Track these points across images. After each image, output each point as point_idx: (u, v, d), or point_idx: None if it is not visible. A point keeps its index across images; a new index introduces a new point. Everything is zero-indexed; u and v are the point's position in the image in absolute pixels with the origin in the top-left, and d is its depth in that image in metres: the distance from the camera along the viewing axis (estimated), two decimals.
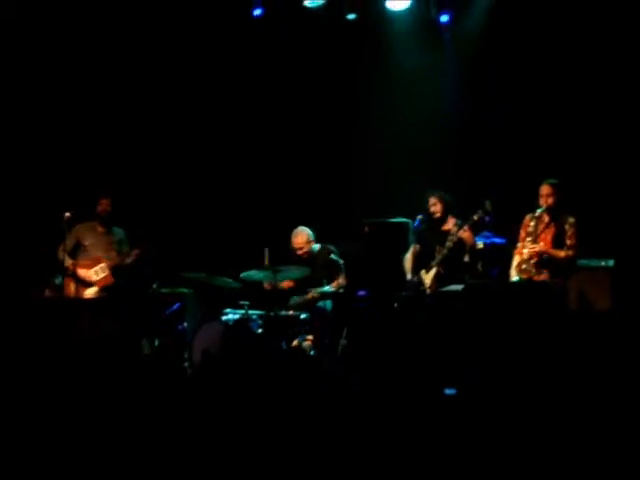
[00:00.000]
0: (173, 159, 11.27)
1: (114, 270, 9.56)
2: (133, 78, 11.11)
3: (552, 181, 8.83)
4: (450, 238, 9.20)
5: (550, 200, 8.77)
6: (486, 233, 9.27)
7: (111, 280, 9.54)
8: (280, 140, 11.31)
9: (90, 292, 9.46)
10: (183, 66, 11.21)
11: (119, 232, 9.86)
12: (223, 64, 11.26)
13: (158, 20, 10.95)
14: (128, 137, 11.12)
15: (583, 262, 8.96)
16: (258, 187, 11.26)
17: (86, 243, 9.57)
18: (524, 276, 8.78)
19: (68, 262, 9.42)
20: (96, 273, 9.50)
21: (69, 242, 9.47)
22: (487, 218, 9.03)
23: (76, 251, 9.56)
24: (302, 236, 9.83)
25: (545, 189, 8.81)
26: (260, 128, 11.35)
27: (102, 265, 9.51)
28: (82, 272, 9.44)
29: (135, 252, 9.64)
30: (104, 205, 9.67)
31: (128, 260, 9.64)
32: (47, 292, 9.65)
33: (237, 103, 11.32)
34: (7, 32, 10.51)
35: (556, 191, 8.79)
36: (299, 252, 9.79)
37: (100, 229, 9.71)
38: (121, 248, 9.77)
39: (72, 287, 9.41)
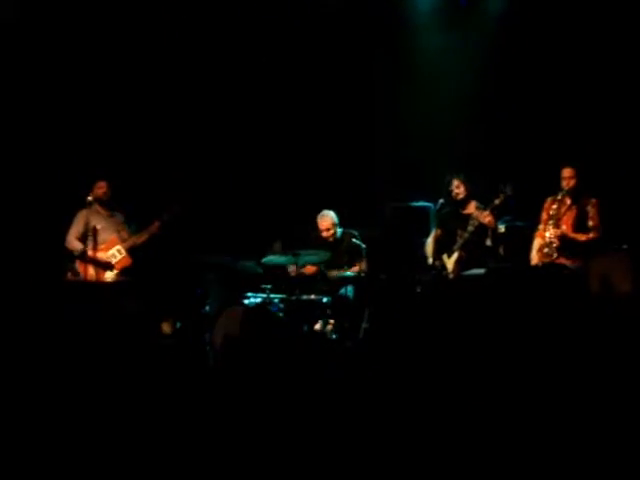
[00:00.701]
0: (198, 144, 11.27)
1: (130, 251, 9.60)
2: (138, 65, 11.10)
3: (573, 164, 8.84)
4: (472, 222, 9.19)
5: (572, 182, 8.84)
6: (507, 217, 9.26)
7: (129, 261, 9.58)
8: (304, 125, 11.29)
9: (110, 275, 9.51)
10: (203, 51, 11.21)
11: (119, 215, 9.87)
12: (247, 45, 11.26)
13: (162, 11, 10.96)
14: (141, 124, 11.11)
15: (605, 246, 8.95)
16: (282, 172, 11.25)
17: (98, 227, 9.56)
18: (546, 260, 8.78)
19: (84, 247, 9.44)
20: (114, 255, 9.54)
21: (79, 228, 9.56)
22: (509, 202, 9.03)
23: (85, 236, 9.56)
24: (329, 218, 9.85)
25: (567, 172, 8.87)
26: (285, 112, 11.34)
27: (118, 247, 9.55)
28: (102, 255, 9.47)
29: (151, 229, 9.68)
30: (103, 187, 9.68)
31: (142, 239, 9.67)
32: (69, 276, 9.67)
33: (257, 86, 11.29)
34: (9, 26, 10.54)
35: (578, 173, 8.82)
36: (326, 234, 9.79)
37: (104, 212, 9.73)
38: (125, 230, 9.80)
39: (92, 272, 9.45)
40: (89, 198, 9.30)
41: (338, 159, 11.12)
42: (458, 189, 9.38)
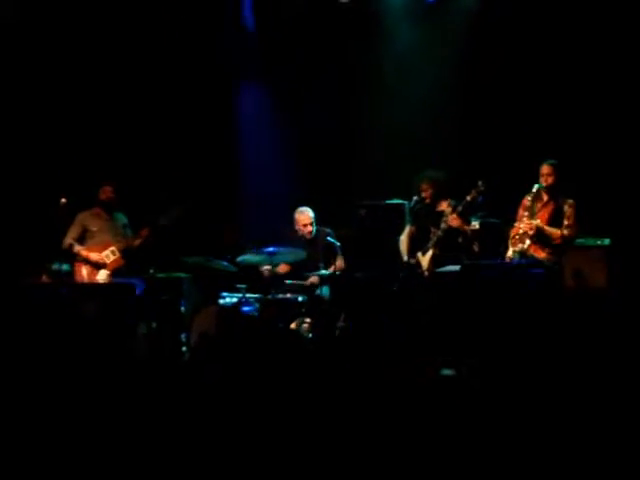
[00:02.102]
0: (170, 145, 11.26)
1: (124, 252, 9.64)
2: (139, 63, 11.12)
3: (552, 161, 8.95)
4: (444, 219, 9.21)
5: (550, 179, 8.92)
6: (482, 213, 9.28)
7: (122, 262, 9.65)
8: (278, 122, 11.31)
9: (102, 275, 9.56)
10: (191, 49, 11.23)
11: (122, 217, 9.98)
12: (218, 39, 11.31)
13: (162, 10, 10.97)
14: (127, 125, 11.10)
15: (579, 241, 9.03)
16: (254, 170, 11.26)
17: (94, 229, 9.71)
18: (517, 249, 8.82)
19: (78, 248, 9.55)
20: (107, 256, 9.62)
21: (76, 230, 9.67)
22: (480, 198, 9.06)
23: (83, 238, 9.68)
24: (308, 214, 9.86)
25: (545, 169, 8.95)
26: (257, 111, 11.37)
27: (112, 248, 9.66)
28: (94, 256, 9.54)
29: (143, 234, 9.71)
30: (108, 192, 9.81)
31: (137, 242, 9.73)
32: (44, 278, 9.65)
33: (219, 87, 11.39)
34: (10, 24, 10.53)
35: (556, 171, 8.91)
36: (305, 230, 9.79)
37: (104, 215, 9.81)
38: (126, 232, 9.88)
39: (84, 272, 9.59)
40: (62, 200, 9.25)
41: (312, 158, 11.11)
42: (426, 192, 9.40)
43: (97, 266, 9.61)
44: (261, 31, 11.35)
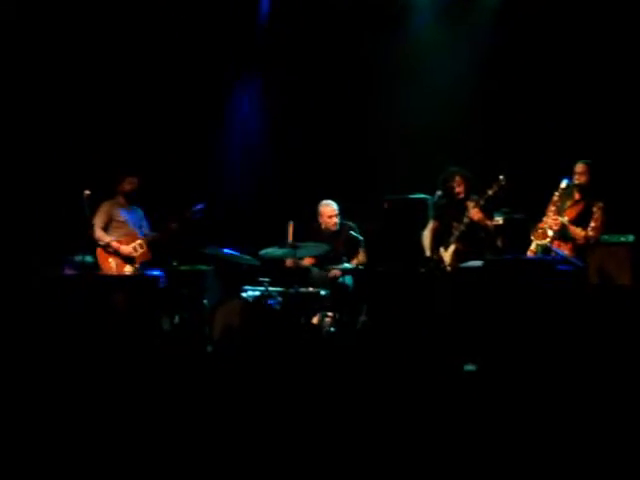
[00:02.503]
0: (193, 137, 11.28)
1: (151, 245, 9.64)
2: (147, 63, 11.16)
3: (587, 161, 8.97)
4: (466, 214, 9.19)
5: (583, 178, 8.92)
6: (505, 209, 9.26)
7: (149, 256, 9.64)
8: (301, 118, 11.30)
9: (129, 268, 9.57)
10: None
11: (140, 209, 9.97)
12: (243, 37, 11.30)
13: (166, 9, 11.00)
14: (147, 116, 11.12)
15: (603, 237, 8.97)
16: (277, 165, 11.27)
17: (121, 219, 9.71)
18: (540, 242, 8.81)
19: (108, 239, 9.55)
20: (135, 249, 9.60)
21: (102, 219, 9.64)
22: (502, 193, 9.04)
23: (108, 227, 9.67)
24: (333, 206, 9.94)
25: (579, 167, 8.96)
26: (278, 103, 11.36)
27: (140, 241, 9.64)
28: (125, 249, 9.54)
29: (171, 227, 9.72)
30: (133, 183, 9.79)
31: (164, 237, 9.76)
32: (67, 270, 9.67)
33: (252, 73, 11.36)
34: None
35: (590, 170, 8.91)
36: (330, 221, 9.85)
37: (128, 206, 9.83)
38: (146, 225, 9.89)
39: (113, 264, 9.58)
40: (86, 192, 9.25)
41: (336, 152, 11.12)
42: (459, 187, 9.37)
43: (126, 259, 9.61)
44: (277, 21, 11.32)
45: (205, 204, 9.67)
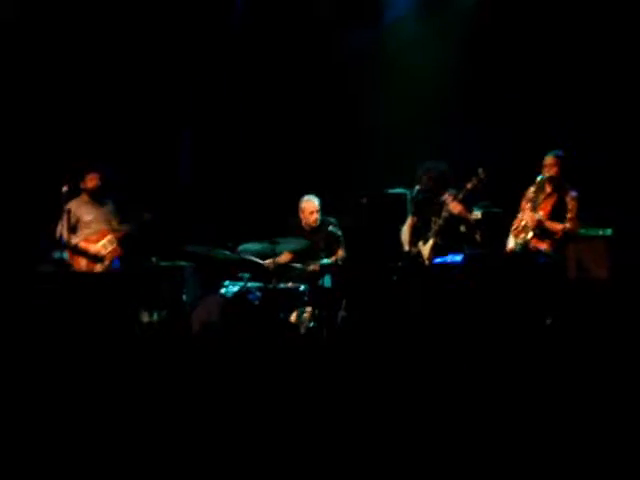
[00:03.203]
0: (175, 133, 11.28)
1: (121, 241, 9.56)
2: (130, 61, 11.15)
3: (557, 152, 8.90)
4: (445, 209, 9.19)
5: (553, 170, 8.86)
6: (484, 203, 9.27)
7: (119, 252, 9.54)
8: (280, 112, 11.30)
9: (99, 267, 9.47)
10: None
11: (109, 204, 9.83)
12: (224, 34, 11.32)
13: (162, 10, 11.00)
14: (124, 110, 11.10)
15: (582, 231, 8.99)
16: (256, 160, 11.26)
17: (87, 218, 9.56)
18: (519, 240, 8.82)
19: (75, 239, 9.44)
20: (104, 247, 9.50)
21: (69, 219, 9.46)
22: (481, 186, 9.04)
23: (76, 227, 9.54)
24: (314, 202, 9.89)
25: (549, 159, 8.90)
26: (261, 101, 11.37)
27: (109, 237, 9.52)
28: (93, 248, 9.44)
29: (144, 217, 9.65)
30: (94, 180, 9.64)
31: (132, 227, 9.65)
32: (47, 267, 9.62)
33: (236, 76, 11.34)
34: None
35: (560, 162, 8.87)
36: (311, 217, 9.81)
37: (93, 203, 9.68)
38: (115, 218, 9.75)
39: (83, 263, 9.48)
40: (64, 188, 9.23)
41: (315, 147, 11.12)
42: (427, 183, 9.35)
43: (96, 258, 9.52)
44: (256, 14, 11.34)
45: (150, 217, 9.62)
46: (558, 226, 8.75)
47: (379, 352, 7.29)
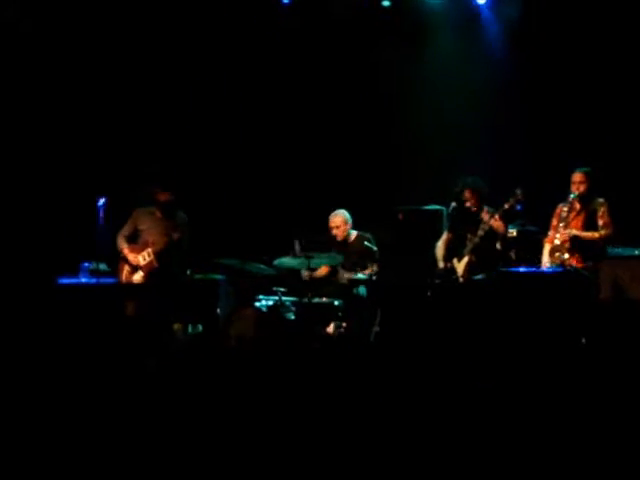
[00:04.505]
0: (206, 144, 11.33)
1: (158, 255, 9.58)
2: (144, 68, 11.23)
3: (584, 169, 8.93)
4: (482, 226, 9.19)
5: (582, 187, 8.88)
6: (519, 221, 9.27)
7: (155, 265, 9.55)
8: (318, 127, 11.34)
9: (137, 277, 9.51)
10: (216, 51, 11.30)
11: (182, 217, 9.73)
12: (261, 47, 11.35)
13: (168, 13, 11.06)
14: (159, 126, 11.17)
15: (617, 250, 8.94)
16: (294, 173, 11.29)
17: (142, 227, 9.55)
18: (557, 262, 8.81)
19: (122, 246, 9.48)
20: (143, 257, 9.53)
21: (128, 227, 9.54)
22: (519, 206, 9.04)
23: (135, 236, 9.57)
24: (339, 217, 9.89)
25: (577, 177, 8.92)
26: (297, 113, 11.40)
27: (148, 250, 9.52)
28: (131, 256, 9.48)
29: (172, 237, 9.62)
30: (165, 196, 9.56)
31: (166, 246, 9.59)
32: (82, 277, 9.66)
33: (274, 87, 11.39)
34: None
35: (588, 179, 8.89)
36: (334, 232, 9.83)
37: (158, 214, 9.69)
38: (183, 230, 9.65)
39: (125, 271, 9.50)
40: (101, 200, 9.27)
41: (353, 162, 11.15)
42: (470, 202, 9.36)
43: (134, 268, 9.54)
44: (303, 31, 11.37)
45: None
46: (595, 234, 8.75)
47: (411, 367, 7.29)
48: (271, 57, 11.32)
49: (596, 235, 8.75)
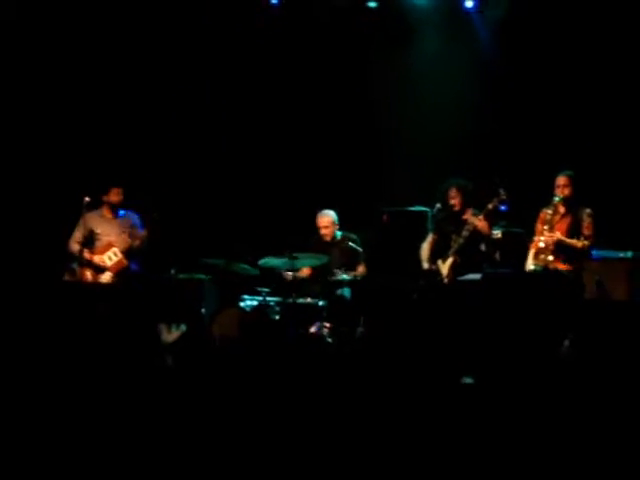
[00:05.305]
0: (191, 145, 11.31)
1: (126, 254, 9.56)
2: (150, 62, 11.18)
3: (568, 172, 8.93)
4: (467, 227, 9.21)
5: (566, 191, 8.89)
6: (504, 222, 9.28)
7: (124, 264, 9.53)
8: (302, 128, 11.33)
9: (105, 278, 9.47)
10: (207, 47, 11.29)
11: (132, 216, 9.79)
12: (249, 45, 11.33)
13: (165, 14, 11.04)
14: (144, 123, 11.14)
15: (601, 253, 8.98)
16: (278, 174, 11.27)
17: (98, 231, 9.49)
18: (540, 264, 8.82)
19: (82, 251, 9.39)
20: (109, 258, 9.48)
21: (82, 232, 9.44)
22: (502, 207, 9.07)
23: (88, 239, 9.47)
24: (327, 217, 9.90)
25: (561, 180, 8.93)
26: (282, 114, 11.37)
27: (114, 249, 9.48)
28: (96, 258, 9.44)
29: (142, 234, 9.63)
30: (118, 195, 9.59)
31: (137, 243, 9.61)
32: (66, 277, 9.65)
33: (258, 87, 11.36)
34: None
35: (572, 182, 8.89)
36: (324, 231, 9.83)
37: (109, 215, 9.67)
38: (135, 232, 9.70)
39: (89, 275, 9.42)
40: (86, 199, 9.27)
41: (337, 163, 11.14)
42: (454, 200, 9.38)
43: (99, 269, 9.48)
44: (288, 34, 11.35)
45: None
46: (578, 243, 8.76)
47: (395, 368, 7.30)
48: (259, 57, 11.29)
49: (579, 245, 8.76)
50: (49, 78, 10.83)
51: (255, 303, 9.52)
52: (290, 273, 9.53)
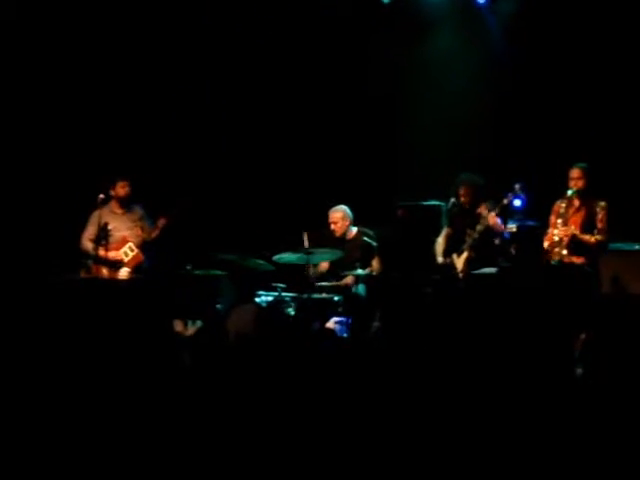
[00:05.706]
0: (209, 141, 11.32)
1: (142, 247, 9.59)
2: (151, 63, 11.20)
3: (582, 165, 8.89)
4: (481, 222, 9.21)
5: (580, 183, 8.84)
6: (519, 216, 9.27)
7: (141, 258, 9.56)
8: (318, 123, 11.33)
9: (123, 273, 9.49)
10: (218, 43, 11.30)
11: (138, 210, 9.83)
12: (262, 41, 11.35)
13: (167, 12, 11.06)
14: (150, 120, 11.17)
15: (617, 245, 8.95)
16: (294, 169, 11.28)
17: (110, 227, 9.52)
18: (555, 258, 8.80)
19: (96, 248, 9.44)
20: (125, 253, 9.51)
21: (92, 229, 9.54)
22: (519, 201, 9.06)
23: (104, 236, 9.49)
24: (338, 212, 9.89)
25: (575, 172, 8.88)
26: (298, 109, 11.38)
27: (130, 244, 9.51)
28: (112, 254, 9.45)
29: (160, 223, 9.65)
30: (125, 187, 9.66)
31: (154, 234, 9.64)
32: (82, 274, 9.67)
33: (272, 82, 11.38)
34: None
35: (586, 174, 8.85)
36: (333, 227, 9.84)
37: (119, 210, 9.71)
38: (144, 224, 9.74)
39: (105, 272, 9.47)
40: (100, 196, 9.31)
41: (352, 158, 11.14)
42: (464, 198, 9.39)
43: (116, 265, 9.54)
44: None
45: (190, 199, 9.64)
46: (591, 238, 8.72)
47: (411, 363, 7.29)
48: (271, 52, 11.30)
49: (592, 240, 8.71)
50: (49, 78, 10.84)
51: (270, 299, 9.52)
52: (314, 270, 9.54)
